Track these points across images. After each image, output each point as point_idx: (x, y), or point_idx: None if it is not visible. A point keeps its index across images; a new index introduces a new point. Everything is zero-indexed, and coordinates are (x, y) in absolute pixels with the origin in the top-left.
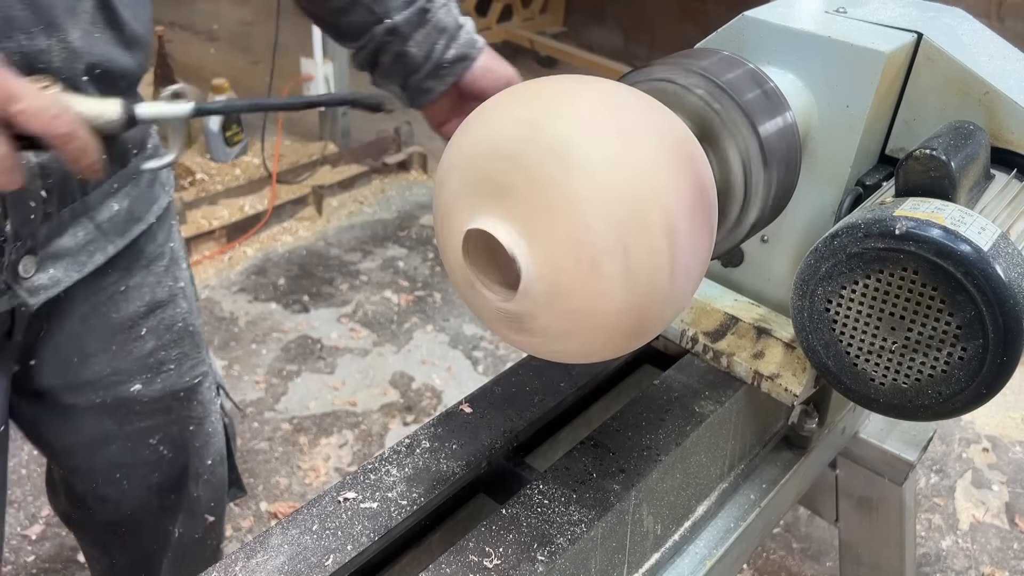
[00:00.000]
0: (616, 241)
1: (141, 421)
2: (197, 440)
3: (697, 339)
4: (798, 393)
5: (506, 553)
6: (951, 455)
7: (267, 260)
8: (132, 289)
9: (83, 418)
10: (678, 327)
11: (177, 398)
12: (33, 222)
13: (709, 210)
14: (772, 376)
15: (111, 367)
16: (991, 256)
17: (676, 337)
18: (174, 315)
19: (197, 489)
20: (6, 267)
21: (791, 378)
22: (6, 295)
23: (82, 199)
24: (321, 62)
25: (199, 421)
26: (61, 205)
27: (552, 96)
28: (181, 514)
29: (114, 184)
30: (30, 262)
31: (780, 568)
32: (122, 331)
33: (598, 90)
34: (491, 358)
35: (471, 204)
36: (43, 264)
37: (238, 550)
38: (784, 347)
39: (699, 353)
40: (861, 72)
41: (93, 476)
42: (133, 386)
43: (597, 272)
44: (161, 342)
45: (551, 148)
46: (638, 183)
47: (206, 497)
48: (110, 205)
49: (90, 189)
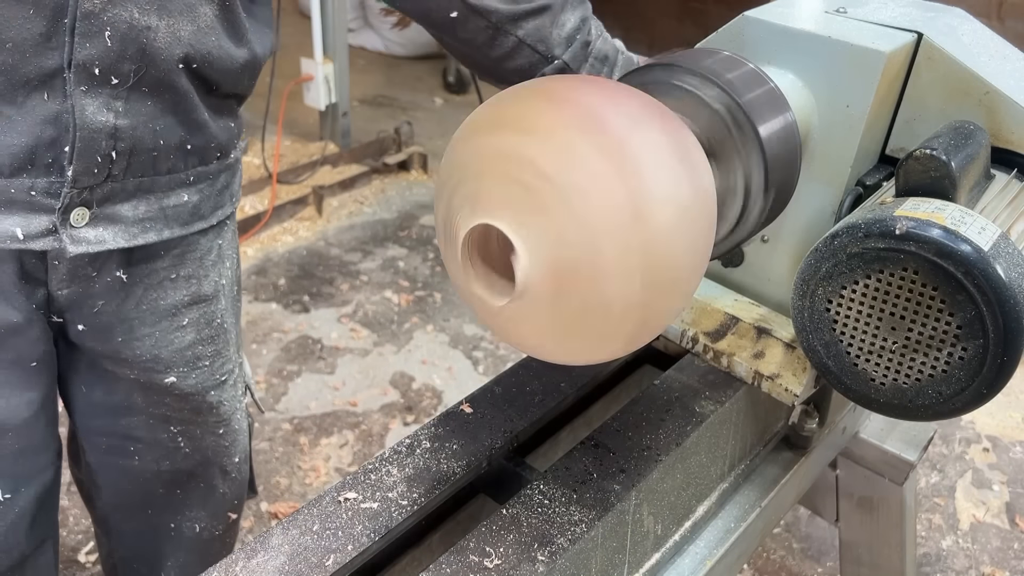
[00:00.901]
0: (615, 242)
1: (169, 409)
2: (225, 439)
3: (697, 339)
4: (798, 393)
5: (506, 553)
6: (951, 455)
7: (267, 260)
8: (182, 279)
9: (116, 384)
10: (678, 327)
11: (207, 398)
12: (95, 175)
13: (709, 210)
14: (772, 376)
15: (151, 354)
16: (991, 256)
17: (676, 337)
18: (215, 311)
19: (224, 485)
20: (59, 209)
21: (791, 378)
22: (51, 236)
23: (152, 177)
24: (321, 62)
25: (226, 420)
26: (128, 173)
27: (552, 96)
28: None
29: (190, 176)
30: (82, 214)
31: (780, 568)
32: (167, 317)
33: (600, 89)
34: (491, 358)
35: (473, 203)
36: (94, 221)
37: (238, 550)
38: (784, 347)
39: (699, 353)
40: (861, 72)
41: (108, 441)
42: (168, 377)
43: (596, 272)
44: (200, 336)
45: (550, 148)
46: (638, 183)
47: (232, 494)
48: (180, 194)
49: (163, 170)
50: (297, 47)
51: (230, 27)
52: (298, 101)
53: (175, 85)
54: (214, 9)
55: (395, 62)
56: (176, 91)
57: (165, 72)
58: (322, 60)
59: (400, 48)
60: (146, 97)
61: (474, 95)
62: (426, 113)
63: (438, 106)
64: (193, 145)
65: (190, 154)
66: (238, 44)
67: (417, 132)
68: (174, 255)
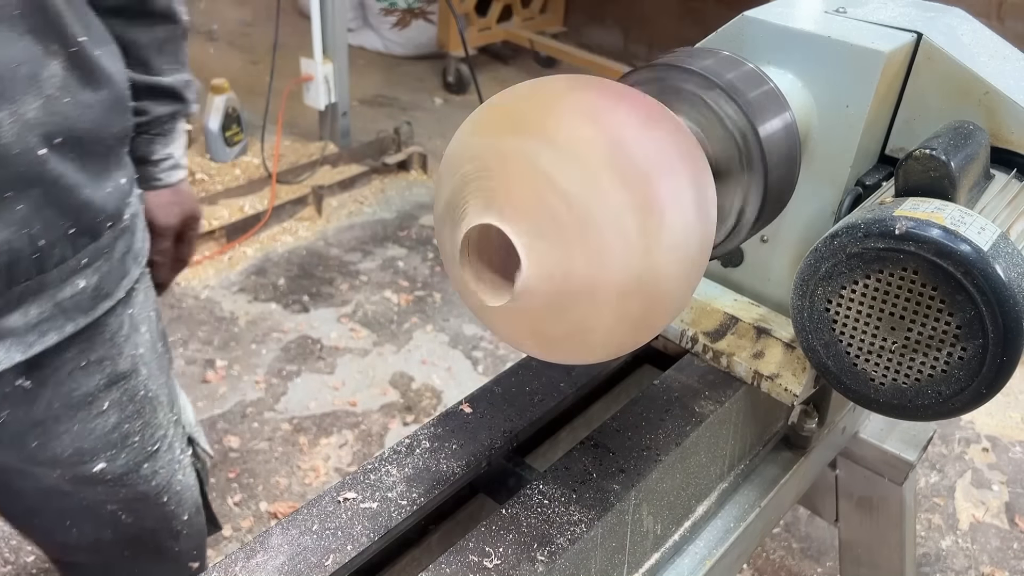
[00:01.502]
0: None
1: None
2: (169, 504)
3: (697, 339)
4: (798, 393)
5: (506, 553)
6: (951, 455)
7: (267, 260)
8: (93, 364)
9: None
10: (678, 327)
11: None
12: None
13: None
14: (772, 376)
15: (73, 448)
16: (991, 256)
17: (676, 337)
18: (136, 385)
19: (178, 544)
20: None
21: (791, 378)
22: None
23: (38, 277)
24: (321, 62)
25: (166, 486)
26: (11, 283)
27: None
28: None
29: (82, 260)
30: None
31: (780, 568)
32: (83, 407)
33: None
34: (491, 358)
35: (484, 200)
36: None
37: (238, 550)
38: (784, 347)
39: (699, 353)
40: (861, 72)
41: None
42: (96, 465)
43: (595, 297)
44: (125, 414)
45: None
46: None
47: (187, 548)
48: (75, 282)
49: (50, 267)
50: (297, 47)
51: (84, 74)
52: (298, 101)
53: (41, 175)
54: (62, 62)
55: (395, 62)
56: (44, 181)
57: (25, 167)
58: (322, 60)
59: (400, 48)
60: (12, 203)
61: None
62: (426, 113)
63: (438, 106)
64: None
65: (78, 237)
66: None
67: (417, 132)
68: (80, 343)
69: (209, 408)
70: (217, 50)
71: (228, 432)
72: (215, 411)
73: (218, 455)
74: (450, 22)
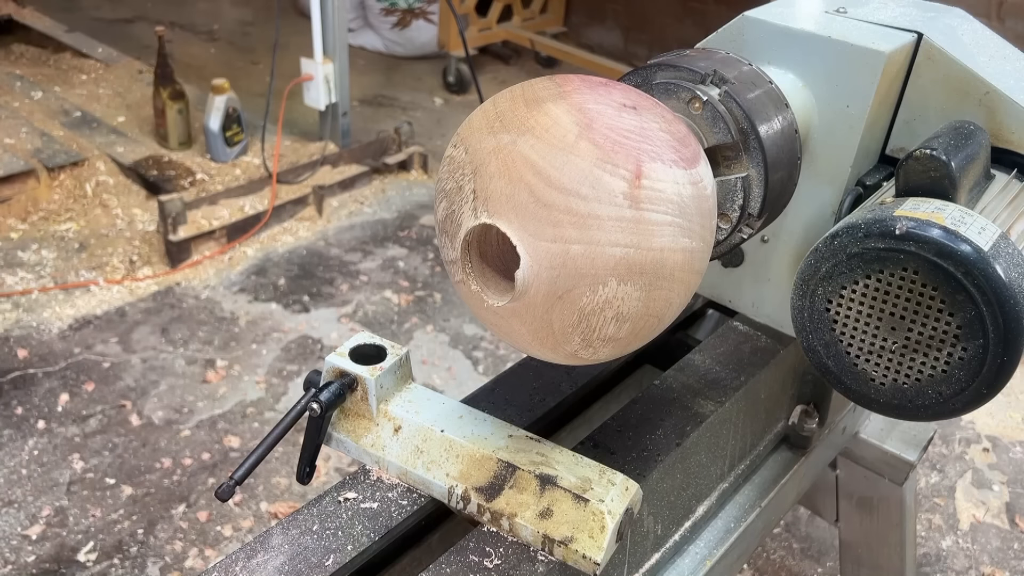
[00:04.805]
0: (613, 241)
1: None
2: None
3: (469, 498)
4: (599, 560)
5: (506, 553)
6: (951, 455)
7: (267, 260)
8: None
9: None
10: (444, 483)
11: None
12: None
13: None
14: (564, 541)
15: None
16: (991, 256)
17: (443, 496)
18: None
19: None
20: None
21: (588, 541)
22: None
23: None
24: (321, 62)
25: None
26: None
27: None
28: None
29: None
30: None
31: (780, 568)
32: None
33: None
34: (491, 358)
35: (484, 200)
36: None
37: (238, 550)
38: (574, 499)
39: (474, 514)
40: (861, 72)
41: None
42: None
43: (595, 298)
44: None
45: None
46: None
47: None
48: None
49: None
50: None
51: None
52: (298, 101)
53: None
54: None
55: (395, 62)
56: None
57: None
58: (322, 60)
59: (400, 48)
60: None
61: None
62: (426, 113)
63: (438, 106)
64: None
65: None
66: None
67: (417, 132)
68: None
69: (209, 408)
70: (217, 50)
71: (228, 432)
72: (215, 411)
73: (218, 455)
74: (450, 22)
